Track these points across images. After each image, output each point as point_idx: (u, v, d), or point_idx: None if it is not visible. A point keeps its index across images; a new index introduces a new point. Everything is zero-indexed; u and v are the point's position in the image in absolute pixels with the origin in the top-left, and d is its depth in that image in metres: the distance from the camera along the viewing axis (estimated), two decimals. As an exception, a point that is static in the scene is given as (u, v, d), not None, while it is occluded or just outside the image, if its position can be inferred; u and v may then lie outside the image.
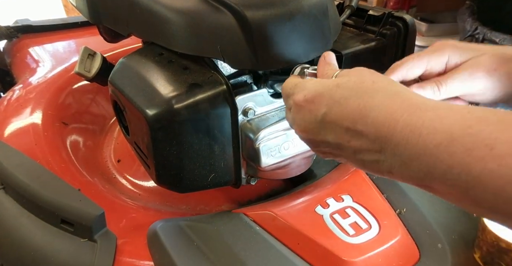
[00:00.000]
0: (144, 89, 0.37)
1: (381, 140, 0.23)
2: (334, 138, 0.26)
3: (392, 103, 0.23)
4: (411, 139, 0.21)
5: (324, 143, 0.27)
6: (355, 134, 0.24)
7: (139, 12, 0.40)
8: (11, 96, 0.64)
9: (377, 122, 0.23)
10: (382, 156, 0.23)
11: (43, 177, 0.44)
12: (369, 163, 0.24)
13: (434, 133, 0.21)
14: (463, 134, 0.20)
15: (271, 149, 0.40)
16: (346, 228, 0.39)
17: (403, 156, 0.22)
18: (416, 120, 0.22)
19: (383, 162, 0.23)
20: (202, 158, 0.39)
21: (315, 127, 0.27)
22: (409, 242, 0.39)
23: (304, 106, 0.28)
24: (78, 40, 0.83)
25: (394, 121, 0.22)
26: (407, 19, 0.47)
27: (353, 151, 0.25)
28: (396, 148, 0.22)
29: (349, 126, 0.25)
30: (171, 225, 0.40)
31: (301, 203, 0.43)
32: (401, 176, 0.23)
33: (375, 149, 0.23)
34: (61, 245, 0.40)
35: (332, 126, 0.26)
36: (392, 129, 0.22)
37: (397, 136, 0.22)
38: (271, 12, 0.36)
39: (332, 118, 0.26)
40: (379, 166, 0.24)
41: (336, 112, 0.25)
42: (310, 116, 0.27)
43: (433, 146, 0.20)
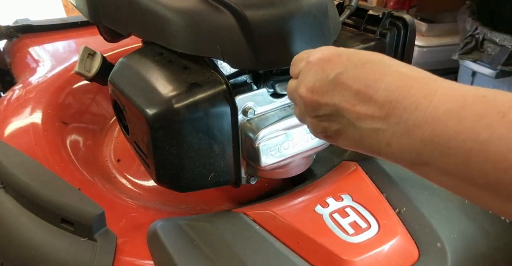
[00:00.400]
0: (144, 88, 0.37)
1: (390, 105, 0.22)
2: (340, 100, 0.25)
3: (409, 72, 0.23)
4: (421, 104, 0.21)
5: (326, 105, 0.26)
6: (364, 98, 0.24)
7: (139, 12, 0.40)
8: (11, 96, 0.64)
9: (390, 87, 0.23)
10: (385, 124, 0.23)
11: (43, 176, 0.44)
12: (368, 132, 0.24)
13: (447, 100, 0.21)
14: (477, 101, 0.20)
15: (271, 148, 0.40)
16: (346, 227, 0.39)
17: (409, 122, 0.21)
18: (430, 88, 0.22)
19: (384, 131, 0.23)
20: (202, 157, 0.39)
21: (325, 86, 0.26)
22: (408, 241, 0.39)
23: (318, 64, 0.27)
24: (78, 40, 0.83)
25: (408, 86, 0.22)
26: (406, 19, 0.47)
27: (356, 117, 0.24)
28: (404, 112, 0.22)
29: (360, 89, 0.24)
30: (171, 224, 0.40)
31: (300, 202, 0.43)
32: (397, 149, 0.22)
33: (380, 115, 0.23)
34: (61, 244, 0.40)
35: (343, 87, 0.25)
36: (405, 93, 0.22)
37: (408, 99, 0.22)
38: (270, 11, 0.36)
39: (345, 79, 0.25)
40: (377, 136, 0.23)
41: (350, 74, 0.25)
42: (323, 74, 0.26)
43: (443, 112, 0.20)
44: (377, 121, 0.23)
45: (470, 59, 1.27)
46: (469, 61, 1.29)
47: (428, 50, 1.48)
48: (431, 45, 1.48)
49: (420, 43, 1.47)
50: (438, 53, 1.48)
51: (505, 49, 1.16)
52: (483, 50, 1.23)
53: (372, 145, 0.24)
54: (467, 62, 1.30)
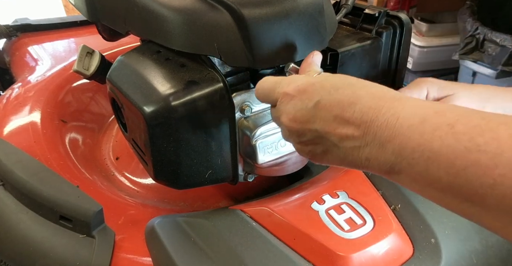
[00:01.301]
0: (141, 86, 0.38)
1: (365, 125, 0.25)
2: (322, 126, 0.28)
3: (378, 93, 0.26)
4: (390, 122, 0.24)
5: (310, 131, 0.29)
6: (342, 121, 0.27)
7: (136, 10, 0.41)
8: (10, 95, 0.64)
9: (363, 109, 0.26)
10: (362, 142, 0.25)
11: (42, 173, 0.45)
12: (350, 150, 0.26)
13: (410, 116, 0.24)
14: (432, 116, 0.23)
15: (268, 146, 0.41)
16: (341, 224, 0.40)
17: (382, 138, 0.24)
18: (397, 106, 0.25)
19: (364, 147, 0.26)
20: (199, 154, 0.39)
21: (306, 115, 0.29)
22: (403, 237, 0.39)
23: (296, 96, 0.30)
24: (77, 39, 0.83)
25: (379, 107, 0.25)
26: (402, 18, 0.47)
27: (338, 138, 0.27)
28: (378, 129, 0.25)
29: (337, 113, 0.27)
30: (169, 221, 0.41)
31: (297, 199, 0.43)
32: (375, 162, 0.25)
33: (359, 134, 0.26)
34: (60, 241, 0.41)
35: (322, 113, 0.28)
36: (377, 113, 0.25)
37: (380, 119, 0.25)
38: (267, 10, 0.37)
39: (323, 106, 0.28)
40: (358, 153, 0.26)
41: (327, 100, 0.28)
42: (302, 104, 0.29)
43: (407, 127, 0.23)
44: (356, 140, 0.26)
45: (470, 60, 1.27)
46: (469, 62, 1.29)
47: (428, 51, 1.48)
48: (432, 45, 1.48)
49: (421, 43, 1.48)
50: (438, 53, 1.48)
51: (505, 50, 1.16)
52: (484, 51, 1.23)
53: (354, 161, 0.27)
54: (468, 62, 1.30)
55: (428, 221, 0.40)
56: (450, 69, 1.50)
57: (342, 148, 0.27)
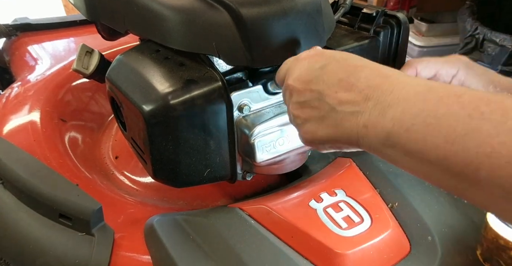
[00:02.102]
0: (140, 85, 0.38)
1: (369, 89, 0.26)
2: (324, 88, 0.28)
3: (385, 68, 0.27)
4: (396, 88, 0.25)
5: (311, 92, 0.29)
6: (346, 85, 0.27)
7: (135, 10, 0.41)
8: (9, 94, 0.65)
9: (370, 76, 0.26)
10: (363, 106, 0.26)
11: (41, 172, 0.45)
12: (348, 114, 0.26)
13: (417, 85, 0.24)
14: (440, 85, 0.23)
15: (266, 144, 0.41)
16: (339, 222, 0.40)
17: (385, 103, 0.24)
18: (404, 78, 0.25)
19: (362, 113, 0.25)
20: (198, 153, 0.39)
21: (310, 75, 0.29)
22: (400, 235, 0.40)
23: (305, 59, 0.31)
24: (77, 38, 0.83)
25: (387, 75, 0.26)
26: (400, 17, 0.47)
27: (337, 102, 0.27)
28: (382, 94, 0.25)
29: (342, 77, 0.27)
30: (168, 219, 0.41)
31: (295, 197, 0.43)
32: (373, 131, 0.25)
33: (361, 99, 0.26)
34: (59, 239, 0.41)
35: (327, 76, 0.28)
36: (384, 80, 0.25)
37: (386, 84, 0.25)
38: (265, 9, 0.37)
39: (329, 69, 0.28)
40: (356, 119, 0.26)
41: (335, 65, 0.28)
42: (309, 65, 0.30)
43: (413, 94, 0.23)
44: (356, 105, 0.26)
45: (470, 59, 1.28)
46: (476, 61, 1.29)
47: (428, 50, 1.48)
48: (431, 45, 1.48)
49: (420, 43, 1.48)
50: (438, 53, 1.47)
51: (505, 49, 1.16)
52: (483, 50, 1.23)
53: (350, 128, 0.26)
54: (467, 62, 1.30)
55: (425, 219, 0.41)
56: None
57: (340, 112, 0.27)
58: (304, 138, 0.31)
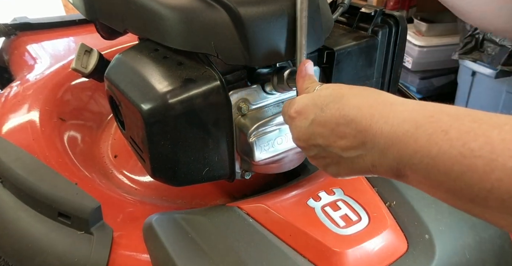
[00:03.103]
0: (139, 84, 0.38)
1: (361, 134, 0.26)
2: (323, 141, 0.29)
3: (367, 102, 0.27)
4: (384, 129, 0.25)
5: (316, 146, 0.30)
6: (339, 134, 0.28)
7: (134, 9, 0.41)
8: (9, 93, 0.65)
9: (356, 120, 0.26)
10: (364, 150, 0.26)
11: (40, 171, 0.45)
12: (355, 159, 0.27)
13: (403, 123, 0.24)
14: (426, 122, 0.23)
15: (265, 143, 0.41)
16: (337, 220, 0.40)
17: (380, 145, 0.25)
18: (388, 113, 0.25)
19: (365, 155, 0.26)
20: (197, 151, 0.40)
21: (307, 133, 0.30)
22: (397, 234, 0.40)
23: (296, 117, 0.32)
24: (76, 37, 0.83)
25: (371, 116, 0.26)
26: (398, 16, 0.48)
27: (340, 149, 0.28)
28: (374, 138, 0.25)
29: (333, 128, 0.28)
30: (166, 218, 0.41)
31: (293, 196, 0.44)
32: (381, 167, 0.26)
33: (358, 144, 0.26)
34: (58, 237, 0.41)
35: (320, 130, 0.29)
36: (369, 122, 0.26)
37: (373, 127, 0.25)
38: (263, 9, 0.37)
39: (318, 123, 0.29)
40: (363, 161, 0.27)
41: (321, 118, 0.29)
42: (301, 124, 0.31)
43: (402, 134, 0.24)
44: (357, 149, 0.27)
45: (470, 59, 1.28)
46: (469, 61, 1.29)
47: (428, 50, 1.48)
48: (431, 45, 1.48)
49: (420, 43, 1.48)
50: (438, 53, 1.49)
51: (505, 49, 1.16)
52: (483, 50, 1.23)
53: (364, 168, 0.28)
54: (467, 62, 1.30)
55: (423, 218, 0.41)
56: (449, 69, 1.51)
57: (348, 158, 0.28)
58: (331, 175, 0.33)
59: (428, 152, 0.22)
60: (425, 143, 0.22)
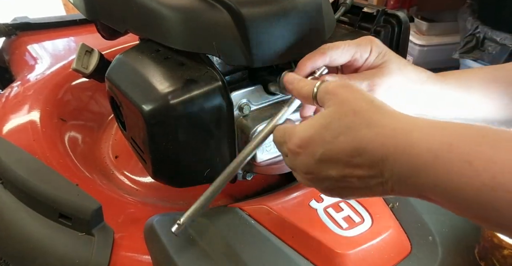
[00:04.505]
0: (140, 85, 0.38)
1: (378, 165, 0.25)
2: (337, 172, 0.27)
3: (380, 132, 0.25)
4: (402, 159, 0.24)
5: (328, 179, 0.28)
6: (354, 166, 0.26)
7: (135, 9, 0.41)
8: (9, 93, 0.65)
9: (370, 152, 0.25)
10: (383, 178, 0.25)
11: (41, 171, 0.45)
12: (374, 186, 0.26)
13: (420, 153, 0.23)
14: (445, 151, 0.22)
15: (266, 144, 0.41)
16: (340, 222, 0.40)
17: (400, 175, 0.24)
18: (403, 143, 0.24)
19: (386, 183, 0.25)
20: (198, 152, 0.39)
21: (317, 166, 0.28)
22: (400, 235, 0.40)
23: (300, 152, 0.29)
24: (77, 37, 0.83)
25: (385, 147, 0.25)
26: (400, 16, 0.47)
27: (357, 179, 0.27)
28: (392, 168, 0.24)
29: (346, 160, 0.27)
30: (168, 219, 0.41)
31: (295, 197, 0.43)
32: (403, 192, 0.25)
33: (375, 173, 0.25)
34: (59, 239, 0.41)
35: (332, 162, 0.27)
36: (386, 153, 0.24)
37: (390, 158, 0.24)
38: (265, 9, 0.37)
39: (330, 156, 0.27)
40: (384, 187, 0.26)
41: (331, 150, 0.27)
42: (308, 159, 0.29)
43: (421, 165, 0.23)
44: (375, 178, 0.26)
45: (470, 58, 1.28)
46: (469, 60, 1.29)
47: (428, 49, 1.48)
48: (432, 44, 1.48)
49: (421, 42, 1.48)
50: (438, 52, 1.49)
51: (505, 48, 1.16)
52: (484, 49, 1.23)
53: (383, 192, 0.27)
54: (468, 61, 1.30)
55: (426, 219, 0.41)
56: (450, 68, 1.50)
57: (366, 185, 0.27)
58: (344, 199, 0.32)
59: (451, 182, 0.22)
60: (446, 173, 0.22)
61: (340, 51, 0.35)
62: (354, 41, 0.36)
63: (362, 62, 0.36)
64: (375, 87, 0.35)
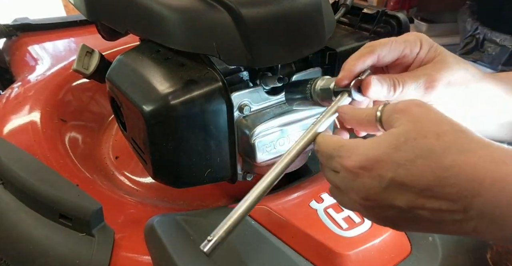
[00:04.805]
0: (141, 85, 0.38)
1: (465, 200, 0.21)
2: (405, 202, 0.23)
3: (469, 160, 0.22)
4: (502, 197, 0.20)
5: (392, 208, 0.24)
6: (431, 196, 0.22)
7: (135, 10, 0.41)
8: (10, 94, 0.65)
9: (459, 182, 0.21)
10: (466, 216, 0.22)
11: (41, 172, 0.45)
12: (449, 223, 0.23)
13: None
14: None
15: (267, 144, 0.41)
16: (340, 222, 0.40)
17: (494, 215, 0.21)
18: (503, 176, 0.21)
19: (468, 221, 0.22)
20: (198, 153, 0.39)
21: (380, 192, 0.24)
22: (400, 236, 0.40)
23: (361, 173, 0.25)
24: (77, 38, 0.83)
25: (479, 180, 0.21)
26: (400, 17, 0.47)
27: (430, 212, 0.23)
28: (484, 206, 0.21)
29: (423, 189, 0.22)
30: (168, 219, 0.41)
31: (296, 198, 0.43)
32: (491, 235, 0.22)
33: (457, 209, 0.22)
34: (60, 239, 0.41)
35: (401, 190, 0.23)
36: (478, 188, 0.21)
37: (484, 194, 0.21)
38: (265, 10, 0.37)
39: (401, 183, 0.23)
40: (461, 225, 0.22)
41: (405, 176, 0.23)
42: (372, 182, 0.24)
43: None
44: (455, 214, 0.22)
45: (470, 59, 1.28)
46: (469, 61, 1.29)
47: (428, 50, 1.48)
48: (431, 45, 1.48)
49: (420, 43, 1.47)
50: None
51: (505, 49, 1.16)
52: (484, 50, 1.23)
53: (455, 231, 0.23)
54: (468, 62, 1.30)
55: (426, 220, 0.41)
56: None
57: (437, 221, 0.23)
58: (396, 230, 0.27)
59: None
60: None
61: (388, 47, 0.31)
62: (400, 37, 0.32)
63: (413, 58, 0.32)
64: (434, 83, 0.30)
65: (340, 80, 0.31)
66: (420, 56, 0.32)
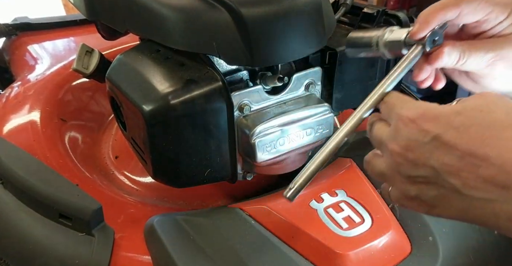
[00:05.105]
0: (140, 85, 0.38)
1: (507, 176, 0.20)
2: (442, 164, 0.22)
3: None
4: None
5: (424, 167, 0.23)
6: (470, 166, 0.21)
7: (135, 9, 0.41)
8: (9, 93, 0.65)
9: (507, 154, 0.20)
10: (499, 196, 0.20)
11: (41, 172, 0.45)
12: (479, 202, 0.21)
13: None
14: None
15: (267, 144, 0.41)
16: (340, 222, 0.40)
17: None
18: None
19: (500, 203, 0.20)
20: (198, 153, 0.39)
21: (420, 147, 0.23)
22: (401, 235, 0.40)
23: (413, 123, 0.24)
24: (77, 38, 0.83)
25: None
26: (400, 17, 0.47)
27: (463, 183, 0.21)
28: None
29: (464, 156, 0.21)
30: (168, 219, 0.41)
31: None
32: None
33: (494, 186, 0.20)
34: (60, 239, 0.41)
35: (445, 148, 0.22)
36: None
37: None
38: (266, 9, 0.37)
39: (446, 142, 0.22)
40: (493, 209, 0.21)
41: (452, 137, 0.22)
42: (418, 135, 0.23)
43: None
44: (492, 191, 0.20)
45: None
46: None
47: (427, 49, 1.48)
48: (431, 44, 1.48)
49: (419, 42, 1.47)
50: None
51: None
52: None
53: (484, 218, 0.21)
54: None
55: (426, 220, 0.41)
56: (449, 68, 1.51)
57: (468, 197, 0.21)
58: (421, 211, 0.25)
59: None
60: None
61: (475, 5, 0.28)
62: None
63: (492, 26, 0.29)
64: (498, 62, 0.29)
65: (416, 33, 0.29)
66: (501, 26, 0.30)
